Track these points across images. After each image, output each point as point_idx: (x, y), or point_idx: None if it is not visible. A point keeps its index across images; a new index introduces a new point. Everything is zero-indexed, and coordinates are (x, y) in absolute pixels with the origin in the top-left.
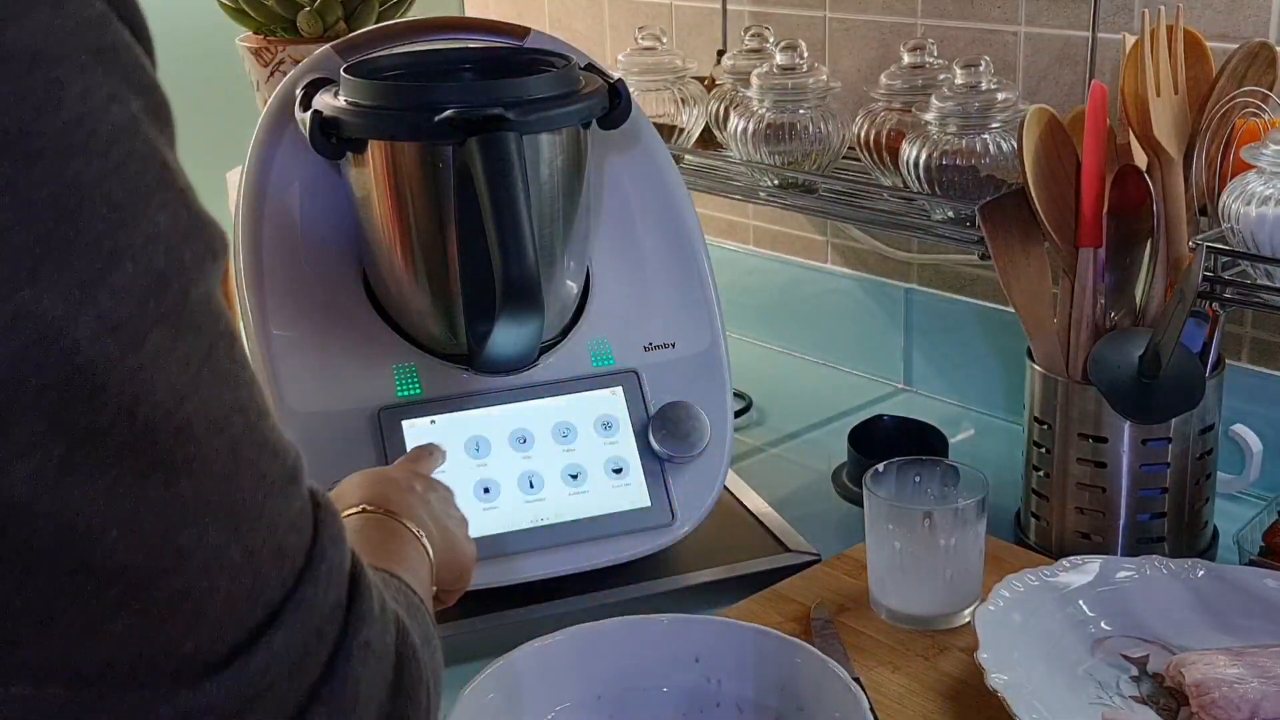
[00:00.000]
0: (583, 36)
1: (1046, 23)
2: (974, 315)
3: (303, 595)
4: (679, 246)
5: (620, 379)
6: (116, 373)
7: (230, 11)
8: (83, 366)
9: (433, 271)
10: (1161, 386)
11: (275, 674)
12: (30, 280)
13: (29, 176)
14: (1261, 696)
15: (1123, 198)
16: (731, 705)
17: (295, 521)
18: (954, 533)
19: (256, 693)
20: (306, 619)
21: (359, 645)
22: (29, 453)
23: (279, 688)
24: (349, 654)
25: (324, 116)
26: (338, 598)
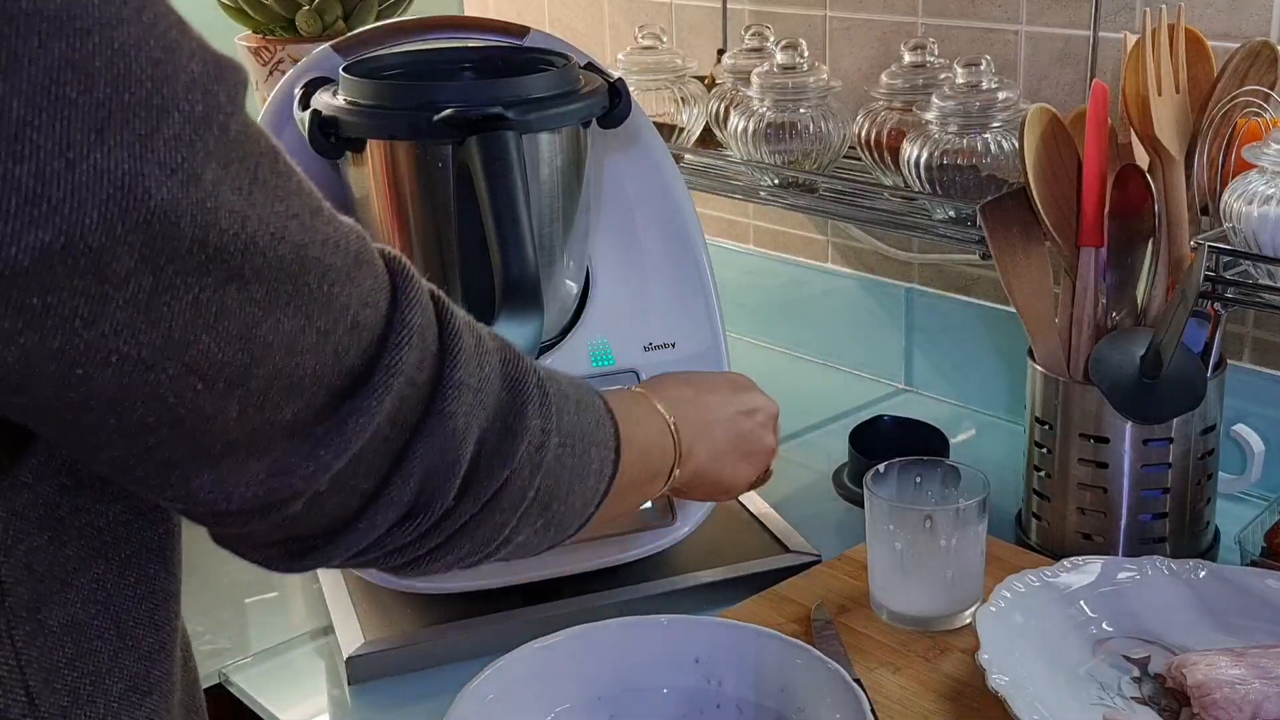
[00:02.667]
0: (583, 36)
1: (1047, 22)
2: (974, 315)
3: (388, 358)
4: (679, 246)
5: (620, 379)
6: (185, 208)
7: (230, 11)
8: (155, 209)
9: (432, 271)
10: (1163, 386)
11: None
12: (99, 142)
13: (84, 50)
14: (1263, 697)
15: (1124, 197)
16: (731, 706)
17: (367, 299)
18: (955, 533)
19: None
20: (393, 373)
21: (453, 385)
22: (124, 283)
23: (381, 431)
24: (444, 393)
25: (323, 116)
26: (422, 354)
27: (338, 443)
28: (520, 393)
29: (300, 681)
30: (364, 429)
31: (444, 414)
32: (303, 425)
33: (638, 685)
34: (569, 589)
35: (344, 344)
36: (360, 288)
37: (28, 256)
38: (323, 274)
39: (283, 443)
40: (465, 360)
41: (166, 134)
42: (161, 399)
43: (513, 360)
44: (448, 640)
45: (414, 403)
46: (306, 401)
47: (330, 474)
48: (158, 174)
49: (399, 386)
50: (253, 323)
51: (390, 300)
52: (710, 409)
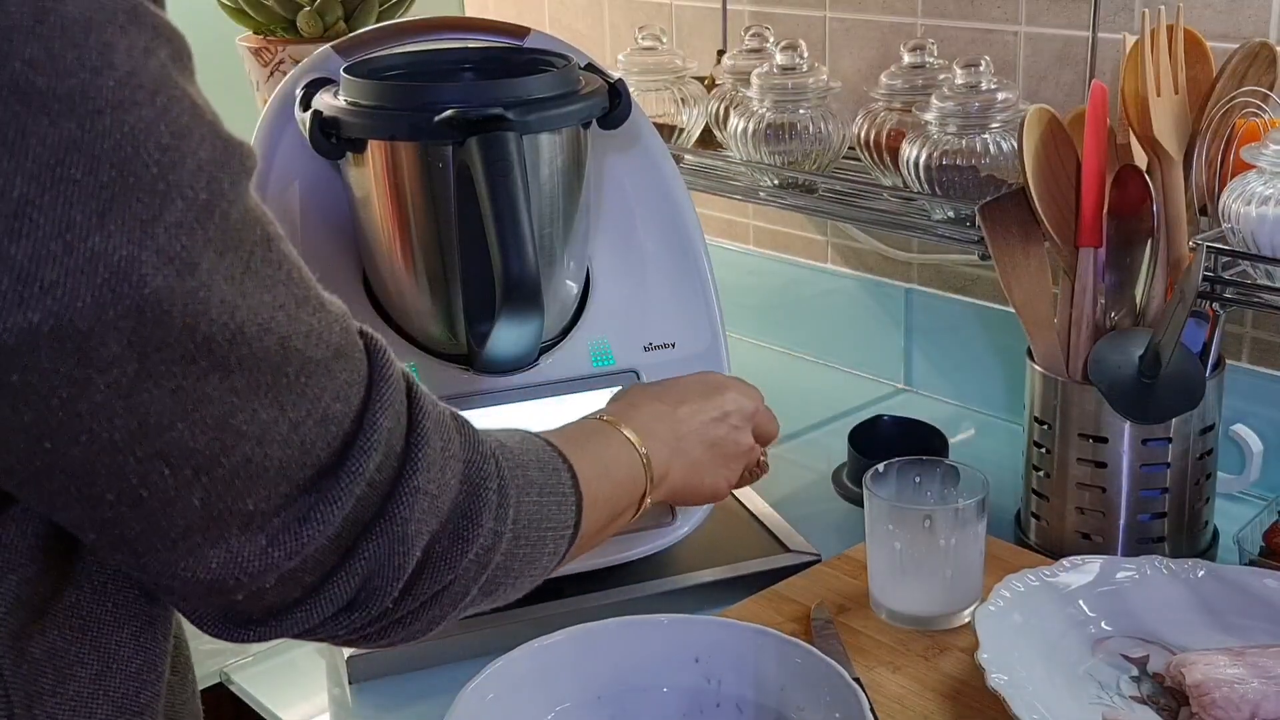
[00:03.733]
0: (583, 36)
1: (1047, 23)
2: (974, 315)
3: (353, 459)
4: (679, 246)
5: (620, 379)
6: (178, 297)
7: (230, 11)
8: (149, 296)
9: (433, 271)
10: (1162, 386)
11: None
12: (99, 226)
13: (93, 132)
14: (1261, 697)
15: (1123, 198)
16: (731, 705)
17: (341, 392)
18: (954, 533)
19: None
20: (356, 478)
21: (410, 490)
22: (108, 368)
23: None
24: (400, 499)
25: (324, 116)
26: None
27: (292, 544)
28: (477, 498)
29: (301, 681)
30: (320, 533)
31: (396, 519)
32: (261, 518)
33: (638, 685)
34: (569, 589)
35: (312, 437)
36: (335, 380)
37: (13, 336)
38: (301, 365)
39: (238, 534)
40: (427, 467)
41: (168, 220)
42: (125, 479)
43: (475, 463)
44: (448, 640)
45: (369, 503)
46: (268, 493)
47: (279, 573)
48: (155, 261)
49: (359, 491)
50: (230, 412)
51: (363, 398)
52: (682, 422)
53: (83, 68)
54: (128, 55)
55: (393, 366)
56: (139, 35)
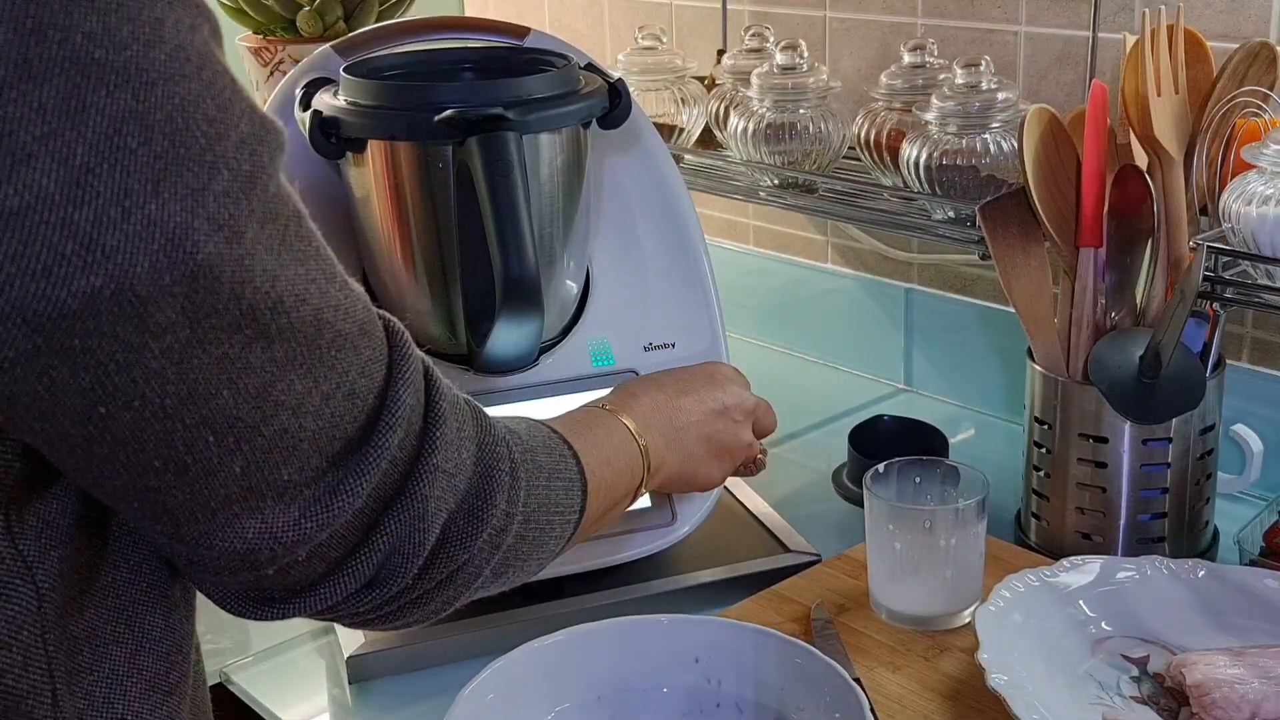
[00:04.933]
0: (583, 36)
1: (1047, 22)
2: (974, 315)
3: (379, 435)
4: (679, 246)
5: (620, 379)
6: (227, 264)
7: (230, 11)
8: (201, 262)
9: (432, 271)
10: (1162, 386)
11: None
12: (154, 194)
13: (147, 103)
14: (1262, 697)
15: (1123, 198)
16: (731, 706)
17: (365, 368)
18: (954, 533)
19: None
20: (381, 454)
21: (429, 469)
22: (163, 334)
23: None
24: (420, 476)
25: (324, 116)
26: (406, 434)
27: (323, 515)
28: (491, 479)
29: (301, 681)
30: (349, 506)
31: (417, 496)
32: (294, 490)
33: (638, 685)
34: (569, 589)
35: (340, 410)
36: (361, 356)
37: (77, 301)
38: (333, 339)
39: (273, 505)
40: (445, 445)
41: (216, 190)
42: (173, 446)
43: (489, 445)
44: (448, 640)
45: (391, 480)
46: (301, 465)
47: (310, 546)
48: (206, 229)
49: (384, 466)
50: (270, 381)
51: (386, 375)
52: (683, 412)
53: (136, 41)
54: (175, 30)
55: (411, 348)
56: (184, 11)
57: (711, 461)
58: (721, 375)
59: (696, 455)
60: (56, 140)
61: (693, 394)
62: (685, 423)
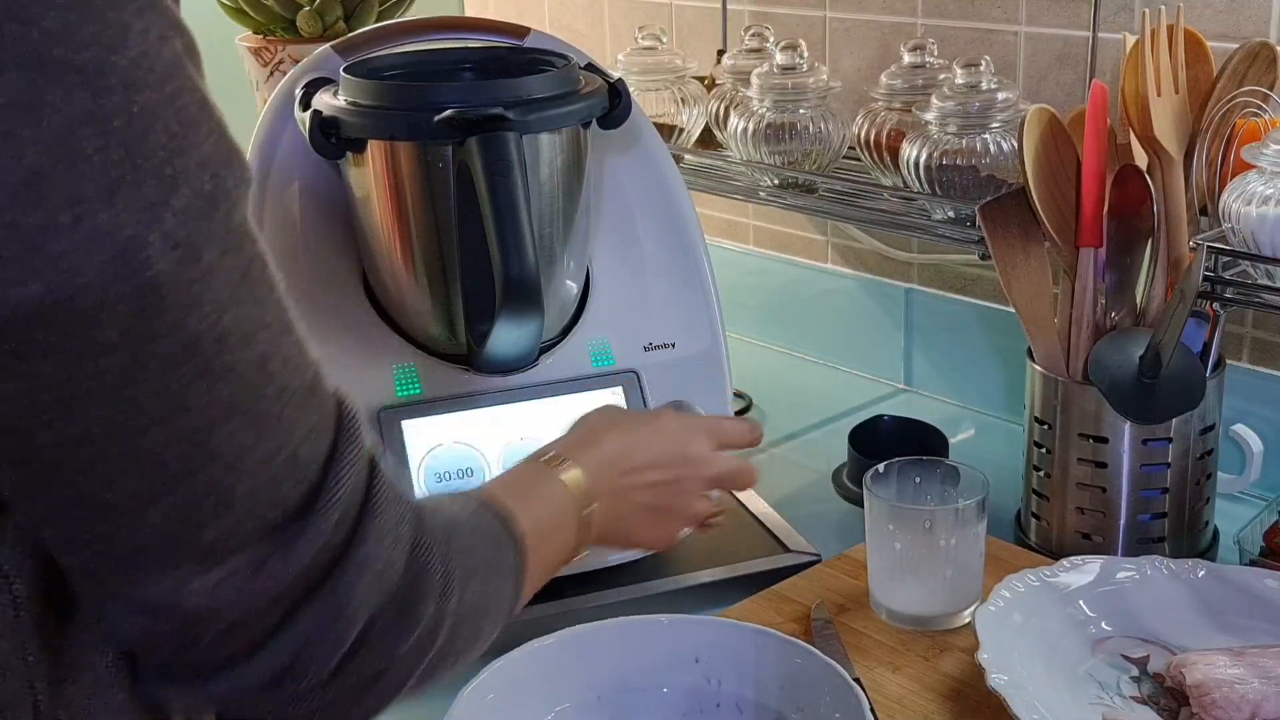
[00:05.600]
0: (583, 36)
1: (1047, 22)
2: (974, 315)
3: (318, 510)
4: (679, 246)
5: (620, 379)
6: (178, 285)
7: (230, 11)
8: (151, 280)
9: (433, 271)
10: (1162, 386)
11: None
12: (108, 203)
13: (105, 107)
14: (1262, 697)
15: (1123, 198)
16: (731, 706)
17: (310, 434)
18: (954, 533)
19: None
20: (318, 532)
21: (357, 561)
22: (101, 355)
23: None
24: (347, 567)
25: (324, 116)
26: (343, 516)
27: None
28: (421, 584)
29: None
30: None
31: (341, 587)
32: (219, 553)
33: (638, 685)
34: (569, 589)
35: (280, 475)
36: (308, 418)
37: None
38: (279, 392)
39: (191, 565)
40: (379, 539)
41: (175, 206)
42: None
43: (424, 547)
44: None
45: (318, 566)
46: (229, 528)
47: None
48: (161, 244)
49: (317, 545)
50: (208, 428)
51: (331, 445)
52: (636, 474)
53: (98, 42)
54: (142, 37)
55: (361, 426)
56: (154, 21)
57: (649, 529)
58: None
59: (641, 521)
60: (9, 138)
61: (654, 453)
62: (633, 486)
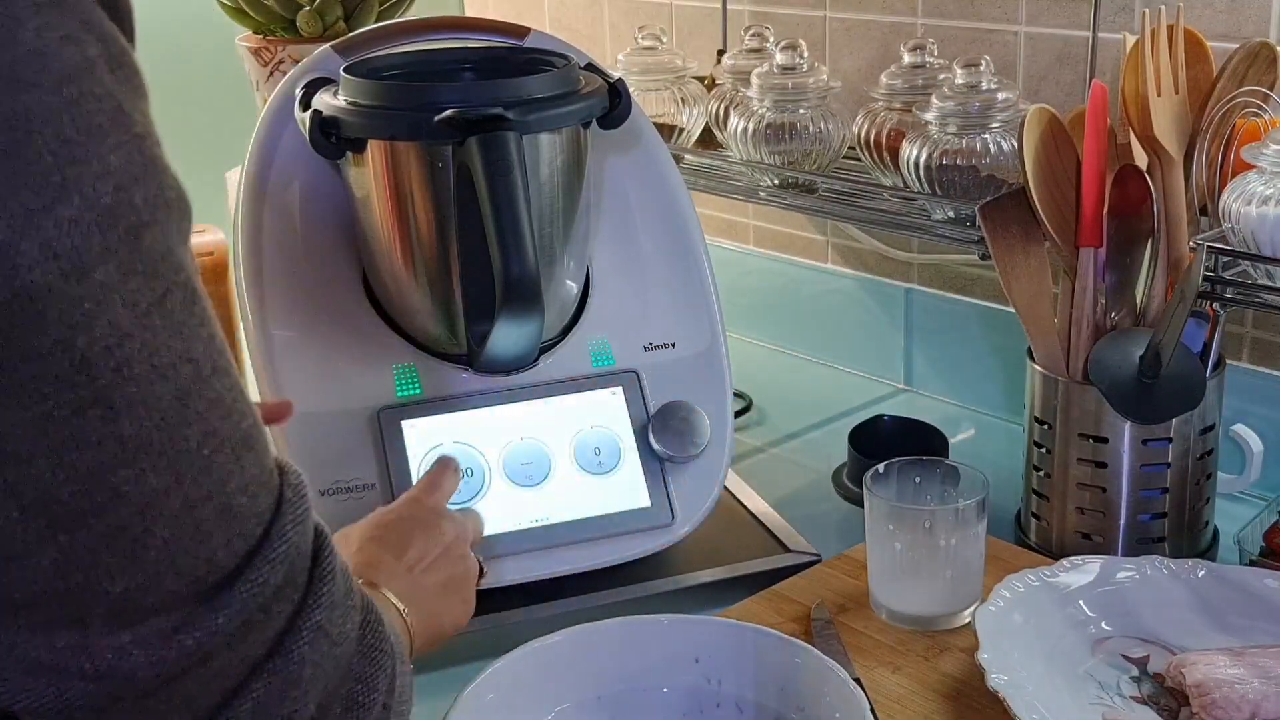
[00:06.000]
0: (583, 36)
1: (1047, 22)
2: (974, 315)
3: (254, 570)
4: (679, 246)
5: (620, 379)
6: (57, 300)
7: (230, 11)
8: (21, 290)
9: (432, 271)
10: (1162, 387)
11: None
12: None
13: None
14: (1262, 697)
15: (1123, 198)
16: (731, 706)
17: (248, 487)
18: (954, 533)
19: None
20: (253, 594)
21: (311, 627)
22: None
23: (219, 655)
24: (299, 634)
25: (324, 116)
26: (288, 579)
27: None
28: (374, 661)
29: None
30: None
31: (294, 658)
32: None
33: (638, 685)
34: (569, 589)
35: (209, 526)
36: (243, 471)
37: None
38: (205, 435)
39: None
40: (331, 606)
41: (60, 215)
42: None
43: (374, 623)
44: (448, 640)
45: (263, 635)
46: (145, 582)
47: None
48: (36, 253)
49: (253, 610)
50: (110, 465)
51: (274, 507)
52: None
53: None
54: (36, 35)
55: (306, 490)
56: (58, 20)
57: (453, 607)
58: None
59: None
60: None
61: (414, 545)
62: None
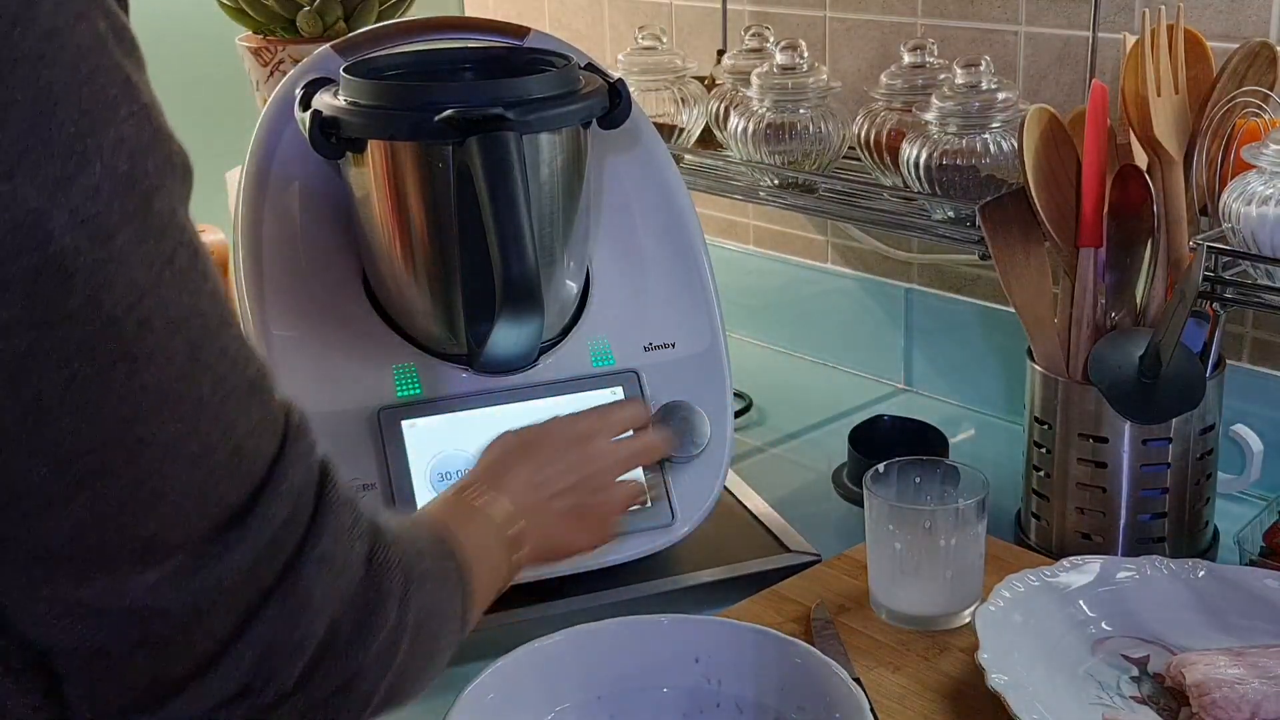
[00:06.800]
0: (583, 36)
1: (1047, 22)
2: (974, 315)
3: (262, 506)
4: (679, 246)
5: (620, 379)
6: (84, 263)
7: (230, 11)
8: (54, 255)
9: (433, 271)
10: (1162, 386)
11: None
12: (8, 176)
13: (8, 82)
14: (1262, 697)
15: (1123, 198)
16: (731, 705)
17: (255, 429)
18: (954, 533)
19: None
20: (262, 529)
21: (314, 558)
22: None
23: (236, 586)
24: (305, 564)
25: (324, 116)
26: (294, 513)
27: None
28: (381, 586)
29: None
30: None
31: (299, 587)
32: (157, 550)
33: (638, 685)
34: (569, 589)
35: (222, 469)
36: (250, 416)
37: None
38: (216, 384)
39: (127, 564)
40: (334, 536)
41: (84, 183)
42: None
43: (382, 548)
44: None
45: (272, 566)
46: (166, 522)
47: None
48: (66, 220)
49: (263, 544)
50: (135, 416)
51: (279, 446)
52: (548, 486)
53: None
54: (53, 14)
55: (309, 429)
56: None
57: (580, 532)
58: (588, 432)
59: (564, 531)
60: None
61: (558, 462)
62: (550, 495)
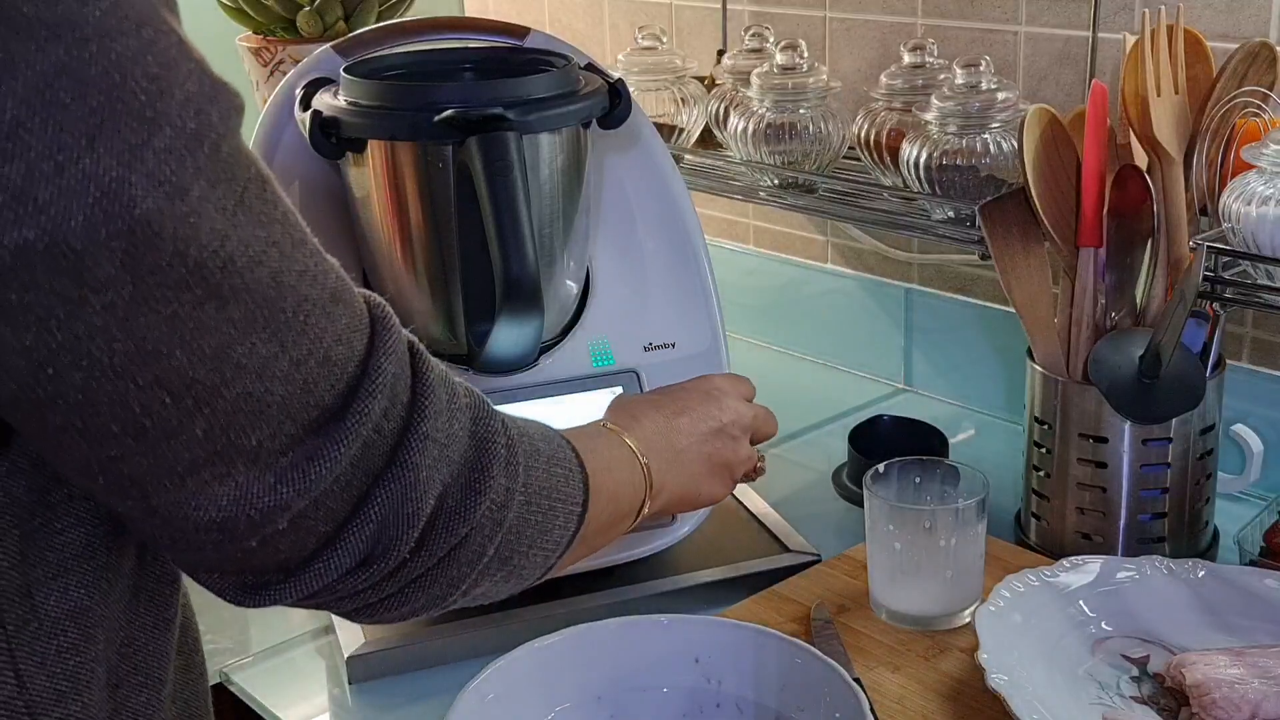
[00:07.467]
0: (583, 36)
1: (1047, 22)
2: (974, 315)
3: (360, 402)
4: (679, 246)
5: (620, 379)
6: (168, 220)
7: (230, 11)
8: (139, 218)
9: (433, 271)
10: (1162, 387)
11: (341, 465)
12: (89, 148)
13: (80, 59)
14: (1262, 697)
15: (1123, 198)
16: (731, 706)
17: (342, 335)
18: (954, 533)
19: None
20: (363, 421)
21: (419, 436)
22: (103, 289)
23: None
24: (410, 445)
25: (324, 116)
26: (391, 402)
27: (300, 482)
28: (487, 452)
29: (301, 681)
30: (328, 472)
31: (407, 465)
32: (268, 456)
33: (638, 685)
34: (569, 589)
35: (315, 376)
36: (336, 324)
37: (9, 254)
38: (298, 303)
39: (246, 471)
40: (434, 414)
41: (157, 146)
42: (127, 408)
43: (485, 419)
44: (448, 640)
45: (379, 451)
46: (273, 431)
47: (290, 514)
48: (145, 184)
49: (366, 434)
50: (227, 343)
51: (367, 345)
52: (680, 434)
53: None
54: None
55: (394, 322)
56: None
57: (712, 480)
58: (718, 390)
59: (698, 475)
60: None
61: (690, 413)
62: (684, 444)
